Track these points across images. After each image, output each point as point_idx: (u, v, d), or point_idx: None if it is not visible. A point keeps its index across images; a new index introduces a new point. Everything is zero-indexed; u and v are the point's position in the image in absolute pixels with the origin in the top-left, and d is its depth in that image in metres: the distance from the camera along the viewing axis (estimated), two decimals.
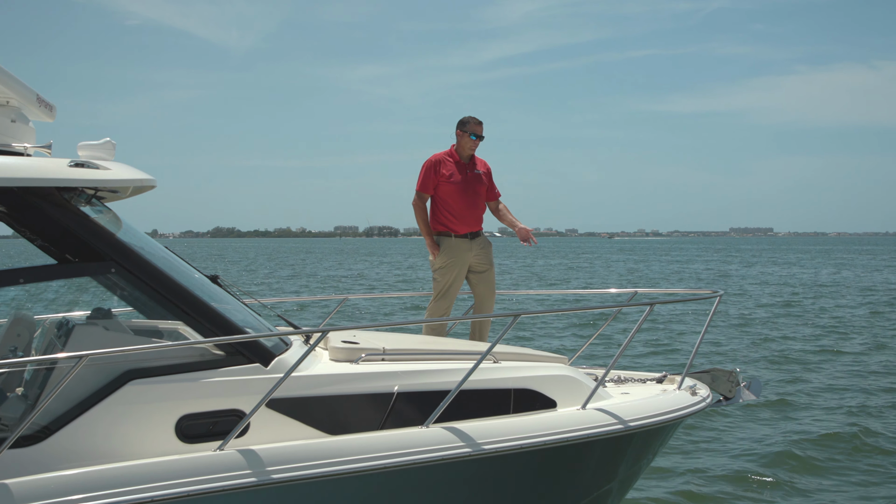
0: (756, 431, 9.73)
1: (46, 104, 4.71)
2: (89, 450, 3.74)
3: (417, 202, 7.06)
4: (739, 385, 5.96)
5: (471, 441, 4.17)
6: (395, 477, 4.06)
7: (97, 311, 4.60)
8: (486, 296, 7.06)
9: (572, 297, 30.07)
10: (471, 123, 6.97)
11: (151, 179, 4.46)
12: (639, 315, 20.20)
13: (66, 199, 4.03)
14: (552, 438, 4.36)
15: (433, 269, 7.01)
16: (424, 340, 5.38)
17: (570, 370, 4.87)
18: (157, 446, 3.83)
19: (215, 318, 4.12)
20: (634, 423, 4.67)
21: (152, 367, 3.93)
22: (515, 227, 7.26)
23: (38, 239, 4.30)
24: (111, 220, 4.38)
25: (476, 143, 7.01)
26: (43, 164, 3.99)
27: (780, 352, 16.01)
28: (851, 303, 27.34)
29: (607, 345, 16.07)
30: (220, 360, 4.04)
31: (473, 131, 6.96)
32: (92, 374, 3.79)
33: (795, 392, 11.87)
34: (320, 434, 4.10)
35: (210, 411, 3.95)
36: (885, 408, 10.92)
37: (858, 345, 16.92)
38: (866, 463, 8.60)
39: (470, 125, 6.97)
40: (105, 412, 3.80)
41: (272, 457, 3.85)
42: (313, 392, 4.15)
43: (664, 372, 6.10)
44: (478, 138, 6.99)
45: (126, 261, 4.03)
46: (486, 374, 4.48)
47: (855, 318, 22.17)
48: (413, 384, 4.35)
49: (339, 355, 4.52)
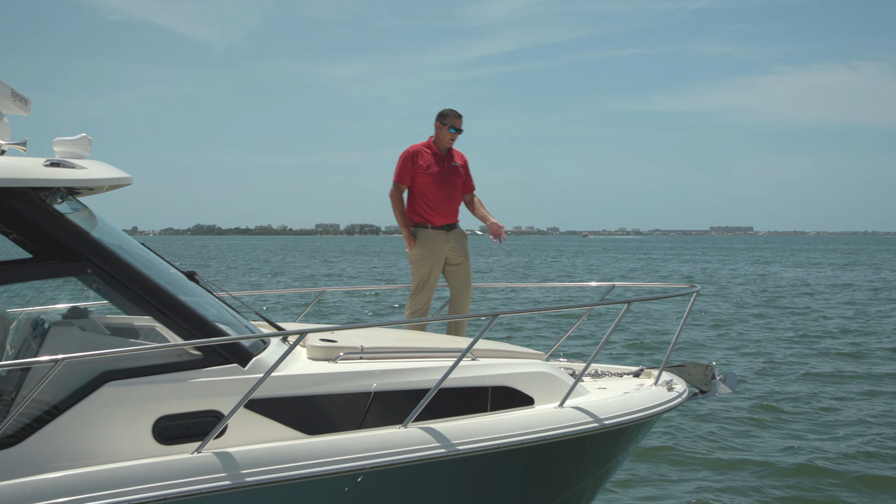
0: (732, 425, 9.83)
1: (21, 98, 4.66)
2: (66, 453, 3.70)
3: (394, 193, 7.05)
4: (715, 378, 6.00)
5: (449, 440, 4.17)
6: (374, 477, 4.05)
7: (73, 310, 4.57)
8: (462, 288, 7.07)
9: (551, 289, 30.27)
10: (450, 116, 6.98)
11: (128, 178, 4.43)
12: (616, 308, 20.31)
13: (41, 198, 3.99)
14: (530, 437, 4.37)
15: (410, 261, 7.02)
16: (402, 337, 5.37)
17: (547, 367, 4.88)
18: (135, 448, 3.79)
19: (192, 319, 4.08)
20: (611, 421, 4.68)
21: (129, 367, 3.90)
22: (487, 221, 7.28)
23: (9, 236, 4.24)
24: (87, 218, 4.35)
25: (455, 136, 7.03)
26: (18, 164, 3.95)
27: (754, 346, 16.17)
28: (828, 299, 27.61)
29: (582, 337, 16.16)
30: (197, 360, 4.01)
31: (453, 124, 6.98)
32: (68, 376, 3.74)
33: (771, 387, 12.00)
34: (298, 434, 4.08)
35: (188, 412, 3.92)
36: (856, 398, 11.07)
37: (830, 338, 17.11)
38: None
39: (450, 118, 6.98)
40: (82, 414, 3.75)
41: (250, 458, 3.83)
42: (291, 392, 4.12)
43: (641, 366, 6.14)
44: (457, 131, 7.01)
45: (102, 261, 4.00)
46: (464, 371, 4.47)
47: (831, 312, 22.41)
48: (391, 383, 4.34)
49: (316, 354, 4.50)
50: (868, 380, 12.66)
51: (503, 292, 29.22)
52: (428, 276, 6.94)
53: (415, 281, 6.98)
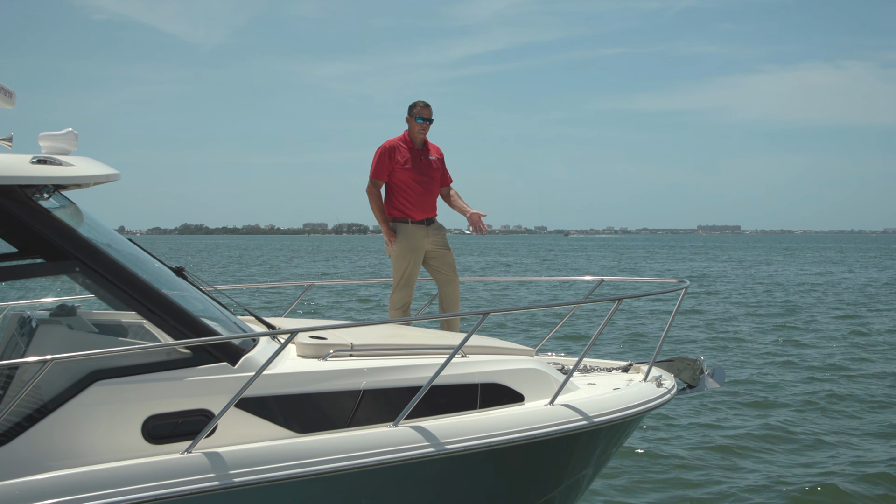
0: (716, 417, 9.87)
1: (5, 90, 4.59)
2: (54, 453, 3.66)
3: (372, 189, 7.03)
4: (703, 373, 6.03)
5: (440, 438, 4.16)
6: (365, 476, 4.04)
7: (61, 308, 4.52)
8: (449, 279, 7.05)
9: (541, 284, 30.36)
10: (418, 107, 6.97)
11: (116, 174, 4.39)
12: (605, 305, 20.42)
13: (27, 195, 3.95)
14: (522, 435, 4.36)
15: (391, 256, 6.99)
16: (392, 334, 5.36)
17: (537, 363, 4.88)
18: (124, 448, 3.75)
19: (181, 317, 4.04)
20: (602, 419, 4.68)
21: (118, 367, 3.86)
22: (466, 212, 7.26)
23: None
24: (74, 215, 4.31)
25: (425, 126, 6.99)
26: (4, 161, 3.90)
27: (738, 341, 16.25)
28: (816, 297, 27.76)
29: (569, 332, 16.24)
30: (187, 359, 3.97)
31: (420, 114, 6.96)
32: (57, 375, 3.70)
33: (755, 380, 12.06)
34: (289, 433, 4.05)
35: (177, 411, 3.88)
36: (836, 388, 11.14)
37: (815, 335, 17.22)
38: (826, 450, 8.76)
39: (417, 108, 6.97)
40: (70, 414, 3.71)
41: (241, 458, 3.80)
42: (281, 390, 4.08)
43: (629, 361, 6.16)
44: (425, 121, 6.98)
45: (90, 259, 3.95)
46: (454, 368, 4.45)
47: (817, 310, 22.54)
48: (381, 381, 4.31)
49: (306, 351, 4.47)
50: (867, 378, 12.71)
51: (491, 289, 29.28)
52: (410, 270, 6.94)
53: (396, 276, 6.97)
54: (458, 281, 7.12)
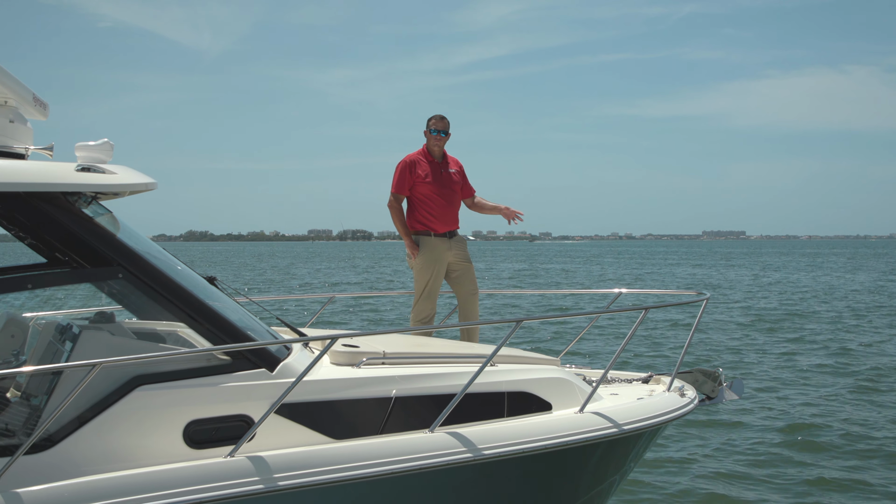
0: (735, 431, 9.91)
1: (41, 103, 4.68)
2: (98, 457, 3.72)
3: (394, 203, 7.11)
4: (722, 385, 6.08)
5: (476, 445, 4.22)
6: (404, 481, 4.10)
7: (100, 315, 4.57)
8: (470, 292, 7.13)
9: (559, 296, 30.39)
10: (434, 120, 7.11)
11: (154, 183, 4.46)
12: (624, 316, 20.44)
13: (70, 202, 4.03)
14: (555, 442, 4.43)
15: (414, 269, 7.06)
16: (423, 343, 5.41)
17: (563, 372, 4.95)
18: (166, 452, 3.82)
19: (222, 324, 4.12)
20: (632, 426, 4.76)
21: (160, 372, 3.92)
22: (500, 210, 7.45)
23: (38, 241, 4.27)
24: (112, 222, 4.37)
25: (442, 139, 7.11)
26: (50, 169, 3.98)
27: (756, 353, 16.26)
28: (825, 305, 27.72)
29: (587, 343, 16.28)
30: (226, 365, 4.04)
31: (436, 127, 7.08)
32: (100, 381, 3.76)
33: (772, 392, 12.10)
34: (324, 438, 4.11)
35: (217, 416, 3.95)
36: (857, 402, 11.17)
37: (830, 344, 17.22)
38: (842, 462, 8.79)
39: (432, 121, 7.11)
40: (113, 418, 3.78)
41: (284, 463, 3.85)
42: (317, 397, 4.16)
43: (650, 372, 6.22)
44: (439, 133, 7.09)
45: (133, 265, 4.02)
46: (483, 377, 4.50)
47: (830, 318, 22.52)
48: (414, 388, 4.39)
49: (340, 359, 4.55)
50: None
51: (509, 298, 29.25)
52: (432, 283, 7.01)
53: (418, 289, 7.04)
54: (477, 296, 7.21)
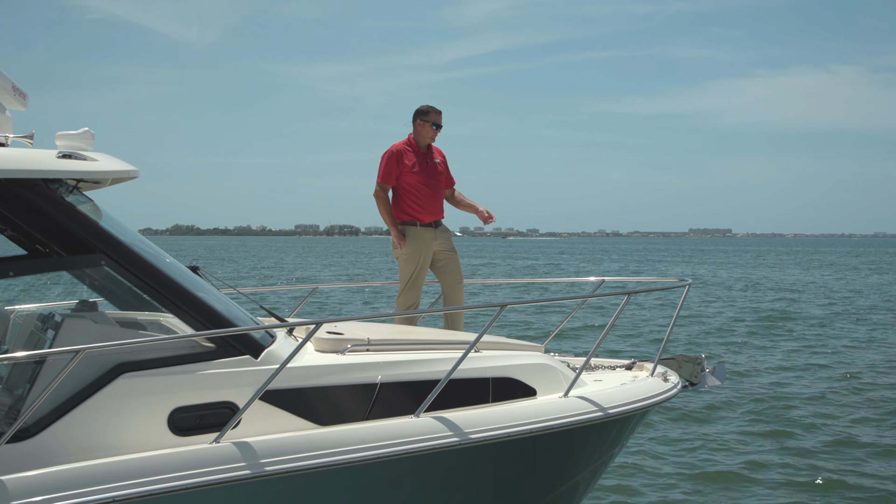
0: (715, 415, 10.00)
1: (20, 92, 4.67)
2: (82, 444, 3.72)
3: (380, 193, 7.08)
4: (705, 371, 6.13)
5: (462, 430, 4.25)
6: (389, 466, 4.12)
7: (83, 303, 4.57)
8: (455, 281, 7.16)
9: (541, 285, 30.53)
10: (432, 113, 7.09)
11: (136, 171, 4.46)
12: (607, 302, 20.59)
13: (52, 189, 4.01)
14: (541, 426, 4.46)
15: (400, 259, 7.08)
16: (407, 330, 5.43)
17: (547, 358, 4.99)
18: (150, 439, 3.82)
19: (206, 312, 4.13)
20: (616, 410, 4.80)
21: (144, 359, 3.91)
22: (475, 209, 7.41)
23: (12, 229, 4.24)
24: (93, 210, 4.37)
25: (436, 132, 7.13)
26: (31, 155, 3.97)
27: (732, 338, 16.39)
28: (805, 298, 27.94)
29: (571, 331, 16.39)
30: (210, 352, 4.04)
31: (435, 121, 7.08)
32: (83, 368, 3.75)
33: (749, 379, 12.20)
34: (309, 425, 4.12)
35: (202, 403, 3.95)
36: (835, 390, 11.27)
37: (813, 336, 17.37)
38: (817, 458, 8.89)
39: (431, 115, 7.08)
40: (97, 406, 3.78)
41: (269, 448, 3.87)
42: (302, 383, 4.17)
43: (633, 359, 6.27)
44: (438, 128, 7.11)
45: (115, 252, 4.02)
46: (468, 363, 4.53)
47: (815, 314, 22.71)
48: (399, 374, 4.41)
49: (324, 346, 4.56)
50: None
51: (491, 288, 29.36)
52: (418, 273, 7.03)
53: (404, 278, 7.06)
54: (462, 284, 7.23)
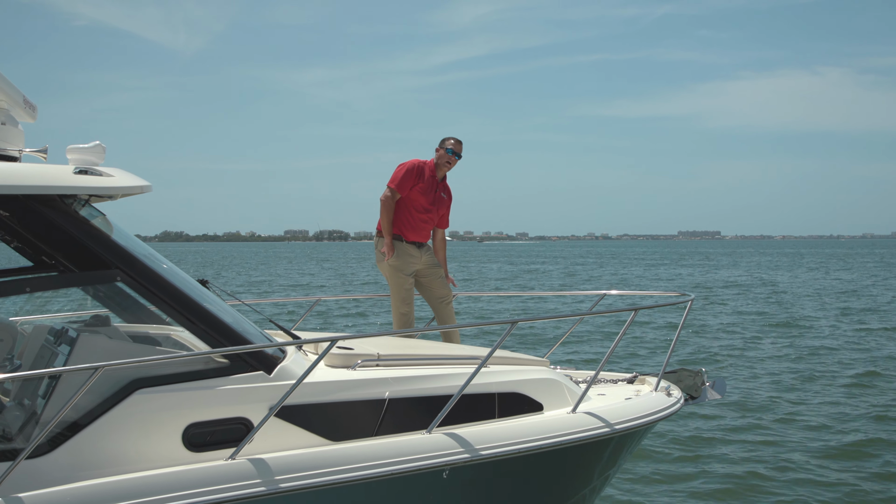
0: (716, 428, 10.05)
1: (31, 105, 4.66)
2: (98, 460, 3.70)
3: (389, 199, 7.04)
4: (705, 384, 6.19)
5: (474, 446, 4.26)
6: (403, 482, 4.13)
7: (97, 318, 4.55)
8: (444, 294, 7.18)
9: (540, 298, 30.47)
10: (453, 141, 7.15)
11: (149, 186, 4.46)
12: (606, 317, 20.56)
13: (67, 205, 4.00)
14: (553, 441, 4.50)
15: (388, 269, 7.04)
16: (415, 346, 5.45)
17: (553, 373, 5.01)
18: (165, 455, 3.81)
19: (220, 327, 4.11)
20: (624, 426, 4.84)
21: (158, 375, 3.90)
22: (443, 267, 7.33)
23: (19, 242, 4.24)
24: (106, 224, 4.36)
25: (453, 160, 7.15)
26: (49, 171, 3.96)
27: (737, 352, 16.44)
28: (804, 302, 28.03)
29: (571, 346, 16.39)
30: (224, 368, 4.04)
31: (454, 149, 7.12)
32: (99, 384, 3.72)
33: (752, 392, 12.26)
34: (321, 440, 4.12)
35: (217, 419, 3.94)
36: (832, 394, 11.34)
37: (814, 340, 17.45)
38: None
39: (451, 142, 7.14)
40: (113, 422, 3.76)
41: (285, 465, 3.86)
42: (314, 399, 4.17)
43: (635, 373, 6.32)
44: (455, 156, 7.14)
45: (131, 268, 4.01)
46: (476, 377, 4.52)
47: (810, 317, 22.80)
48: (410, 390, 4.42)
49: (335, 361, 4.57)
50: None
51: (489, 301, 29.27)
52: (407, 286, 7.05)
53: (393, 292, 7.07)
54: (451, 300, 7.23)
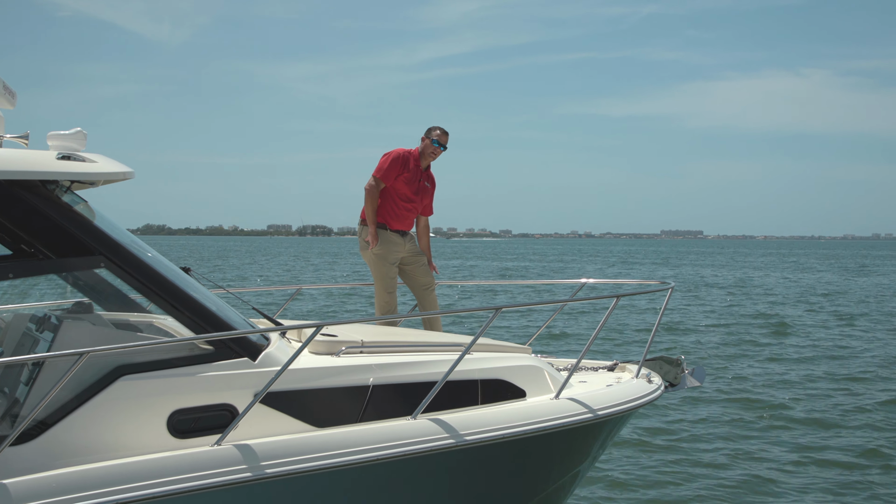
0: (694, 414, 10.16)
1: (10, 91, 4.64)
2: (82, 447, 3.70)
3: (374, 188, 7.10)
4: (685, 372, 6.27)
5: (459, 431, 4.30)
6: (388, 467, 4.15)
7: (79, 304, 4.55)
8: (427, 283, 7.24)
9: (522, 287, 30.62)
10: (438, 132, 7.19)
11: (131, 172, 4.46)
12: (587, 305, 20.73)
13: (49, 191, 3.99)
14: (537, 427, 4.54)
15: (372, 258, 7.09)
16: (399, 333, 5.47)
17: (535, 360, 5.06)
18: (150, 442, 3.81)
19: (204, 314, 4.12)
20: (606, 411, 4.89)
21: (142, 362, 3.90)
22: (426, 253, 7.41)
23: (7, 232, 4.18)
24: (88, 211, 4.34)
25: (438, 151, 7.21)
26: (31, 157, 3.95)
27: (715, 341, 16.60)
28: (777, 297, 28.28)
29: (551, 333, 16.53)
30: (209, 354, 4.04)
31: (440, 140, 7.16)
32: (83, 371, 3.71)
33: (730, 380, 12.39)
34: (305, 426, 4.13)
35: (201, 406, 3.95)
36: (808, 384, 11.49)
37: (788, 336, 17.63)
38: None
39: (436, 133, 7.18)
40: (97, 408, 3.76)
41: (269, 451, 3.88)
42: (298, 385, 4.18)
43: (615, 360, 6.39)
44: (440, 147, 7.18)
45: (114, 254, 4.00)
46: (460, 364, 4.56)
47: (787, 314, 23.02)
48: (393, 376, 4.44)
49: (319, 348, 4.58)
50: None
51: (473, 290, 29.37)
52: (390, 274, 7.11)
53: (377, 280, 7.14)
54: (434, 286, 7.29)
